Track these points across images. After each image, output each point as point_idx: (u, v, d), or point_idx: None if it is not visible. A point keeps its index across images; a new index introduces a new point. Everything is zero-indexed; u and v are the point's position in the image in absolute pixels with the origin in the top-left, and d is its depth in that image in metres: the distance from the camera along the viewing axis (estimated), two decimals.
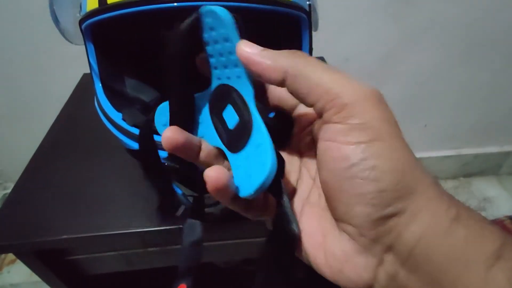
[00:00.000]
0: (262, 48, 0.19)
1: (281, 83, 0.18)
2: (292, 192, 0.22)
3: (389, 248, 0.17)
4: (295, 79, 0.18)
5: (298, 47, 0.34)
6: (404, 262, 0.16)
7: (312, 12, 0.34)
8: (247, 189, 0.18)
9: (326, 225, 0.19)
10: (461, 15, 0.81)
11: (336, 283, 0.18)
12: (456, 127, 1.06)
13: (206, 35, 0.19)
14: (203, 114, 0.22)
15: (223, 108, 0.20)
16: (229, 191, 0.19)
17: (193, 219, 0.34)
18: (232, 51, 0.18)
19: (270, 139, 0.18)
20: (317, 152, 0.19)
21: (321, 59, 0.72)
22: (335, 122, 0.17)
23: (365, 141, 0.16)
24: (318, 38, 0.37)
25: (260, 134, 0.18)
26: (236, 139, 0.20)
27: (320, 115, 0.18)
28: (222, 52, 0.19)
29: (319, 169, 0.19)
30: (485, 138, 1.10)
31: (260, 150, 0.18)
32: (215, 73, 0.21)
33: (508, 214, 0.92)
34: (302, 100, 0.18)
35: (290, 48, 0.26)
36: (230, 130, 0.20)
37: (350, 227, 0.17)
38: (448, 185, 1.17)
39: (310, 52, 0.35)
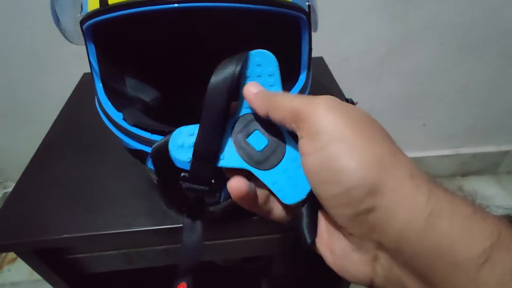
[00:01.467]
0: (260, 90, 0.22)
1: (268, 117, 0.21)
2: None
3: (380, 245, 0.17)
4: (273, 112, 0.21)
5: (298, 47, 0.34)
6: (395, 257, 0.17)
7: (311, 13, 0.34)
8: (295, 197, 0.22)
9: (329, 226, 0.20)
10: (459, 15, 0.81)
11: (344, 278, 0.20)
12: (455, 127, 1.07)
13: (249, 71, 0.23)
14: (224, 138, 0.24)
15: (249, 133, 0.23)
16: (251, 198, 0.22)
17: (194, 218, 0.35)
18: (273, 85, 0.23)
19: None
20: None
21: (321, 58, 0.72)
22: (302, 137, 0.19)
23: (322, 147, 0.18)
24: (317, 37, 0.38)
25: (294, 150, 0.22)
26: (267, 158, 0.23)
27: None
28: (263, 83, 0.23)
29: None
30: (483, 137, 1.11)
31: (298, 162, 0.21)
32: (245, 103, 0.23)
33: (506, 213, 0.93)
34: (285, 127, 0.21)
35: (289, 48, 0.27)
36: (258, 152, 0.23)
37: (340, 228, 0.19)
38: (445, 184, 1.17)
39: (310, 52, 0.35)
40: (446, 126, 1.06)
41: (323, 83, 0.63)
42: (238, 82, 0.22)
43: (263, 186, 0.23)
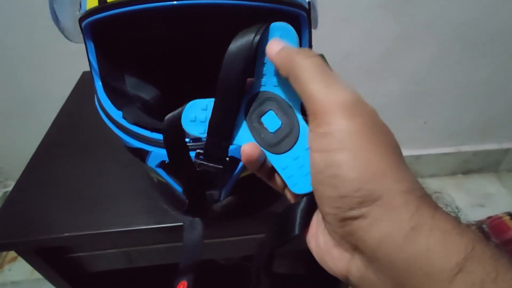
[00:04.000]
0: (283, 46, 0.21)
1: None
2: None
3: (355, 248, 0.18)
4: (293, 81, 0.20)
5: (298, 45, 0.34)
6: (370, 262, 0.18)
7: (311, 10, 0.34)
8: (304, 187, 0.21)
9: (319, 218, 0.21)
10: (460, 12, 0.81)
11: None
12: (456, 124, 1.06)
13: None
14: (239, 116, 0.23)
15: (263, 113, 0.22)
16: (258, 163, 0.22)
17: (194, 216, 0.35)
18: None
19: None
20: None
21: (321, 56, 0.72)
22: (310, 130, 0.19)
23: (329, 150, 0.18)
24: (318, 34, 0.37)
25: (307, 139, 0.21)
26: (280, 142, 0.22)
27: None
28: None
29: None
30: (485, 135, 1.10)
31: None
32: (261, 80, 0.23)
33: (507, 210, 0.93)
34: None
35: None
36: (271, 133, 0.22)
37: (326, 224, 0.20)
38: (447, 182, 1.18)
39: (310, 49, 0.35)
40: (447, 124, 1.06)
41: None
42: (255, 54, 0.21)
43: None
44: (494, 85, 0.97)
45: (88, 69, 0.36)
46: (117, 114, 0.33)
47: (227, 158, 0.24)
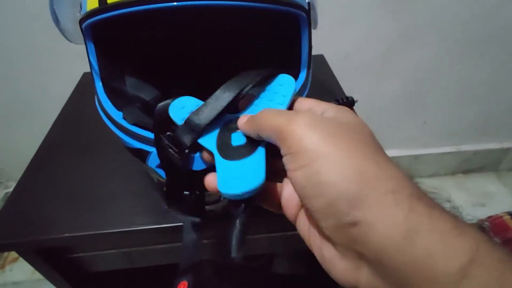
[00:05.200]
0: (248, 117, 0.24)
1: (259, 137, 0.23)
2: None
3: (361, 256, 0.18)
4: (261, 132, 0.22)
5: (298, 45, 0.34)
6: (376, 269, 0.17)
7: (311, 10, 0.34)
8: (234, 188, 0.22)
9: (321, 233, 0.21)
10: (460, 12, 0.81)
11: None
12: (456, 124, 1.06)
13: (270, 86, 0.27)
14: (215, 125, 0.26)
15: (236, 130, 0.25)
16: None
17: (194, 216, 0.35)
18: (281, 103, 0.25)
19: (264, 166, 0.22)
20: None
21: (321, 56, 0.72)
22: (285, 155, 0.20)
23: (305, 164, 0.18)
24: (318, 34, 0.38)
25: (259, 158, 0.23)
26: (234, 153, 0.24)
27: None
28: (274, 99, 0.26)
29: None
30: (485, 134, 1.10)
31: (256, 165, 0.22)
32: (254, 109, 0.26)
33: (507, 210, 0.93)
34: (275, 144, 0.21)
35: (289, 46, 0.27)
36: (232, 146, 0.24)
37: (328, 239, 0.19)
38: (447, 181, 1.18)
39: (310, 50, 0.35)
40: (447, 123, 1.06)
41: (323, 81, 0.63)
42: (253, 88, 0.25)
43: None
44: (494, 84, 0.97)
45: (88, 70, 0.36)
46: (117, 115, 0.33)
47: (187, 150, 0.25)
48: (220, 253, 0.23)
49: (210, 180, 0.24)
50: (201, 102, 0.26)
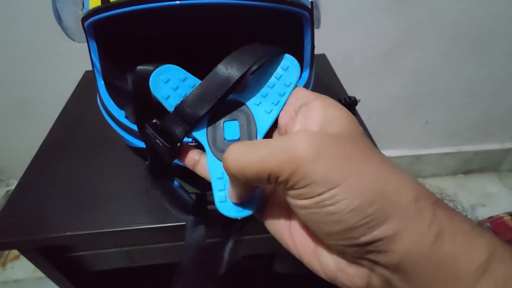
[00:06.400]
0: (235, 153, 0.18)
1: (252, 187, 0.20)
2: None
3: (376, 262, 0.17)
4: (248, 170, 0.18)
5: (300, 44, 0.34)
6: (394, 272, 0.17)
7: (314, 10, 0.34)
8: (231, 210, 0.20)
9: (317, 238, 0.19)
10: (462, 12, 0.81)
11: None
12: (457, 124, 1.06)
13: (273, 70, 0.22)
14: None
15: (229, 119, 0.22)
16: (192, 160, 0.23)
17: (196, 216, 0.35)
18: (282, 93, 0.22)
19: None
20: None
21: (323, 56, 0.72)
22: (290, 189, 0.17)
23: (319, 193, 0.16)
24: (320, 34, 0.37)
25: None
26: None
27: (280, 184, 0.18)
28: (275, 87, 0.22)
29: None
30: (486, 135, 1.10)
31: None
32: (250, 92, 0.23)
33: (508, 210, 0.93)
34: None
35: (292, 45, 0.26)
36: (225, 140, 0.22)
37: (335, 248, 0.18)
38: (448, 182, 1.18)
39: (312, 49, 0.35)
40: (448, 123, 1.06)
41: (325, 81, 0.63)
42: (257, 69, 0.21)
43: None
44: (496, 85, 0.97)
45: (90, 68, 0.36)
46: (119, 114, 0.33)
47: (179, 144, 0.22)
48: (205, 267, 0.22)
49: (200, 170, 0.23)
50: (189, 75, 0.22)
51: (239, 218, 0.20)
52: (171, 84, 0.21)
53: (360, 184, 0.16)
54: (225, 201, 0.21)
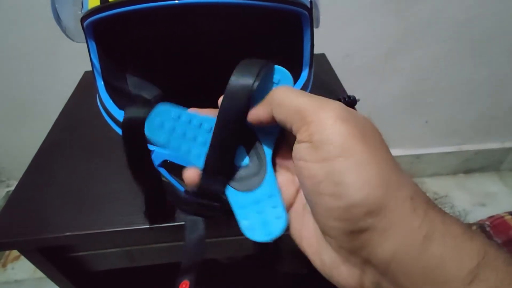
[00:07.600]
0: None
1: (271, 118, 0.20)
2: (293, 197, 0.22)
3: (367, 261, 0.17)
4: (277, 108, 0.19)
5: (300, 43, 0.34)
6: (384, 274, 0.17)
7: (313, 9, 0.34)
8: (260, 235, 0.20)
9: (319, 233, 0.20)
10: (463, 11, 0.81)
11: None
12: (457, 123, 1.06)
13: (266, 86, 0.22)
14: (206, 138, 0.22)
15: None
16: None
17: (196, 215, 0.34)
18: None
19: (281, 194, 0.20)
20: (295, 172, 0.20)
21: (323, 55, 0.72)
22: (302, 141, 0.18)
23: (328, 158, 0.17)
24: (319, 34, 0.37)
25: (273, 186, 0.21)
26: (243, 179, 0.21)
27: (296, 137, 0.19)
28: None
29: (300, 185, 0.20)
30: (486, 134, 1.10)
31: (273, 201, 0.20)
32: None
33: (509, 210, 0.92)
34: (285, 126, 0.20)
35: (291, 45, 0.26)
36: (238, 167, 0.22)
37: (330, 239, 0.18)
38: (448, 181, 1.18)
39: (312, 48, 0.35)
40: (449, 123, 1.06)
41: (325, 80, 0.63)
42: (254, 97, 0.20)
43: None
44: (496, 84, 0.96)
45: (90, 68, 0.36)
46: (119, 114, 0.33)
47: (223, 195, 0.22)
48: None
49: (189, 175, 0.22)
50: (181, 110, 0.21)
51: (270, 241, 0.20)
52: (167, 127, 0.21)
53: (369, 163, 0.16)
54: (251, 229, 0.21)
